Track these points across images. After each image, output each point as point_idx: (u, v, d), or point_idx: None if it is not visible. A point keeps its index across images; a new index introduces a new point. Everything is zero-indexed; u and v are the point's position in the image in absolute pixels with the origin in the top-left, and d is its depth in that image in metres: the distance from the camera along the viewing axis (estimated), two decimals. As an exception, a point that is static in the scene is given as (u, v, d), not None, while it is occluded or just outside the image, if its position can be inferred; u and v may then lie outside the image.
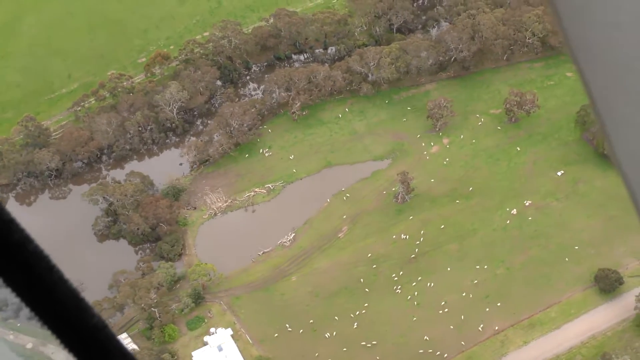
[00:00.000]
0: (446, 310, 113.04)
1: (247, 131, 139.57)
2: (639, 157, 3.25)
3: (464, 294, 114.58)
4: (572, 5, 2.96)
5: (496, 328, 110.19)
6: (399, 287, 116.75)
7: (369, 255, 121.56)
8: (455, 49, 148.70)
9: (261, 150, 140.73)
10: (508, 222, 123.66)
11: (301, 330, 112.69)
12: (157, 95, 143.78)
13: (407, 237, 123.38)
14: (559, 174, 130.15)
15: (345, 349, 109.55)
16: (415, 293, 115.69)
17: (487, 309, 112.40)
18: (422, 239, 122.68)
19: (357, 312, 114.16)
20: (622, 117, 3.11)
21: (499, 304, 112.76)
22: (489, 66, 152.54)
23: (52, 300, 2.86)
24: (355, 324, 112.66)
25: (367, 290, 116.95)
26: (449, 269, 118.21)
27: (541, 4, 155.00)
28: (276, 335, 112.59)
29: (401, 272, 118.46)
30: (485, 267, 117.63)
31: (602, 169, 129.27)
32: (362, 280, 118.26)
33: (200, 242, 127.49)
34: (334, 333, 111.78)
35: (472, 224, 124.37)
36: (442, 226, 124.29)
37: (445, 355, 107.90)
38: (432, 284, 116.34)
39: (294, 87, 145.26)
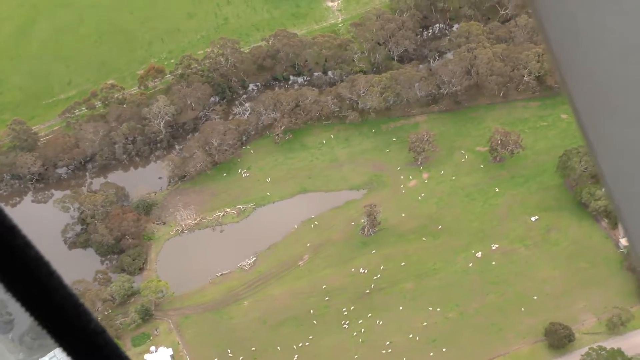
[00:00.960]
0: (390, 350, 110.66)
1: (226, 150, 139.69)
2: (635, 192, 3.14)
3: (410, 336, 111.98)
4: (563, 39, 2.97)
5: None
6: (347, 322, 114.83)
7: (324, 286, 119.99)
8: (448, 82, 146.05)
9: (239, 171, 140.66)
10: (470, 265, 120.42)
11: (241, 357, 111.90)
12: (146, 108, 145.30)
13: (366, 271, 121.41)
14: (533, 219, 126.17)
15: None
16: (362, 330, 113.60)
17: (431, 354, 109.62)
18: (380, 274, 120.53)
19: (301, 344, 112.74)
20: (616, 152, 3.05)
21: (444, 350, 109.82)
22: (483, 102, 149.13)
23: (52, 305, 2.94)
24: (296, 356, 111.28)
25: (315, 322, 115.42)
26: (401, 308, 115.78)
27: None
28: (216, 359, 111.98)
29: (352, 307, 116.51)
30: (438, 309, 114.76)
31: (578, 218, 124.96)
32: (312, 311, 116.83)
33: (162, 257, 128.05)
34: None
35: (434, 263, 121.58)
36: (403, 263, 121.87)
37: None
38: (381, 322, 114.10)
39: (280, 110, 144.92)
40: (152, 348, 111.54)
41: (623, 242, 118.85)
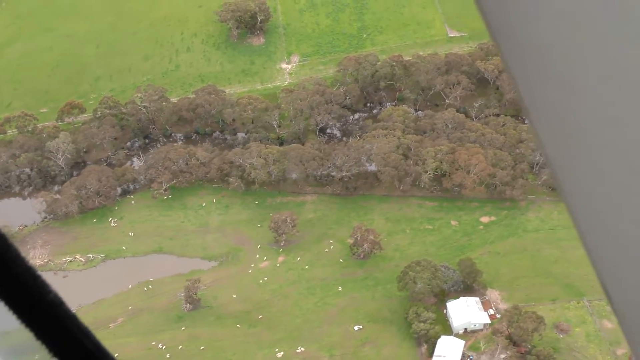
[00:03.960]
0: None
1: (100, 197, 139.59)
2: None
3: None
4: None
5: None
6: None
7: (117, 355, 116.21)
8: (339, 167, 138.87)
9: (110, 220, 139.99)
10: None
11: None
12: (49, 142, 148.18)
13: (164, 347, 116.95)
14: (356, 328, 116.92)
15: None
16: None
17: None
18: (174, 354, 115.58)
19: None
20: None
21: None
22: (379, 192, 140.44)
23: (9, 275, 3.01)
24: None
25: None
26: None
27: (459, 140, 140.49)
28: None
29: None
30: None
31: (402, 337, 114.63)
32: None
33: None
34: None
35: (233, 354, 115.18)
36: (203, 347, 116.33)
37: None
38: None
39: (166, 165, 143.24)
40: None
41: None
